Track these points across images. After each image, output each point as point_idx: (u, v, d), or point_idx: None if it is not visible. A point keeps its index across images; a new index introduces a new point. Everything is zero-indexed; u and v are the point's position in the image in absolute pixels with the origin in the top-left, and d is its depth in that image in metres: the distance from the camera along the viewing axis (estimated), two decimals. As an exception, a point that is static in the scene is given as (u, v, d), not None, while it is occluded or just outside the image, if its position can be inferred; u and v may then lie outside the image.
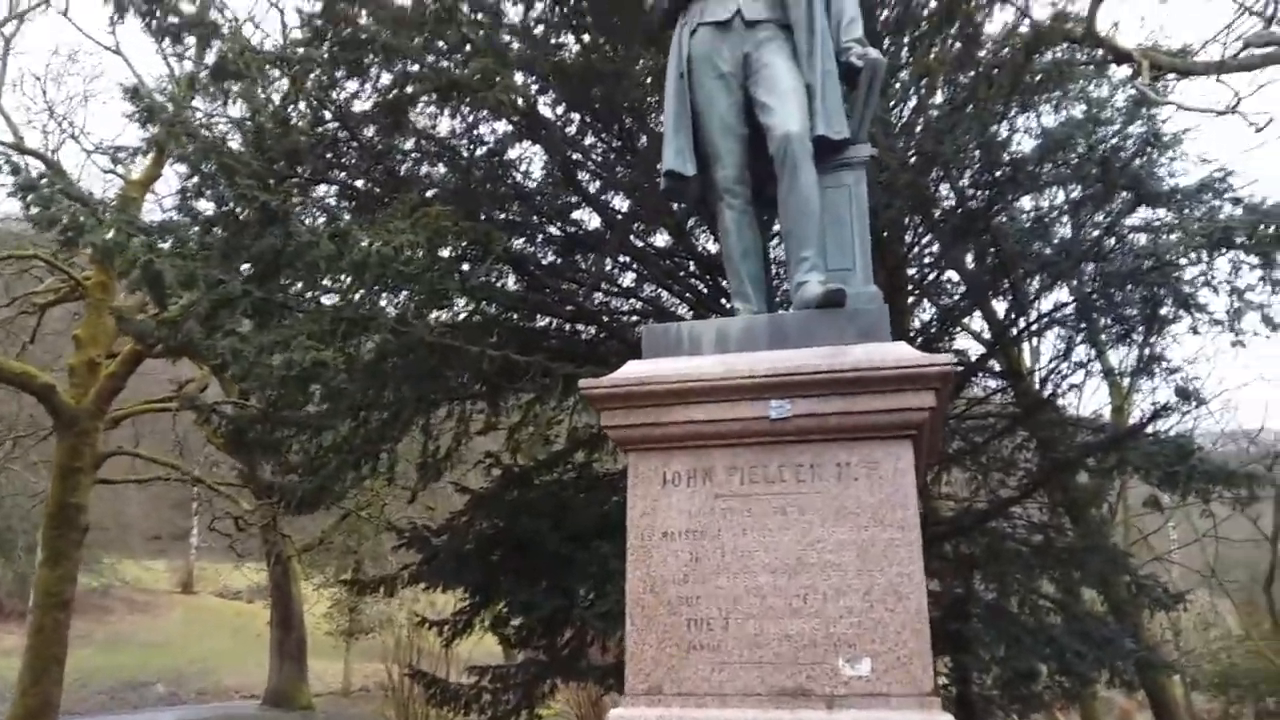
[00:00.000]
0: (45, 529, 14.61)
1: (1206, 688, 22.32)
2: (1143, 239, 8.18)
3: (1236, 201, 7.12)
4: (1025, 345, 11.13)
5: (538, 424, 10.49)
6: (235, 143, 9.25)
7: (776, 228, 4.79)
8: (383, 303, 9.26)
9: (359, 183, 9.58)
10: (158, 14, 9.53)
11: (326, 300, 9.03)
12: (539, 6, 9.38)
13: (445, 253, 9.08)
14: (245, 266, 8.57)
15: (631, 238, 9.86)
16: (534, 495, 9.57)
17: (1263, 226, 6.38)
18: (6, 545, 24.13)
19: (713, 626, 3.17)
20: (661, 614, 3.24)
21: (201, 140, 8.76)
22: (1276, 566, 15.44)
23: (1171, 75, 7.90)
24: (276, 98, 9.98)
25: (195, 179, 9.16)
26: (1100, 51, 7.91)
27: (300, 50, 9.59)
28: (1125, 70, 8.41)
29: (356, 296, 8.99)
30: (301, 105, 9.45)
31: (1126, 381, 12.31)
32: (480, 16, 9.24)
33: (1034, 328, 9.44)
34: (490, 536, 9.47)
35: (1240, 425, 18.42)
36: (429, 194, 9.02)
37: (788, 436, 3.23)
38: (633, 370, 3.48)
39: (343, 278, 8.83)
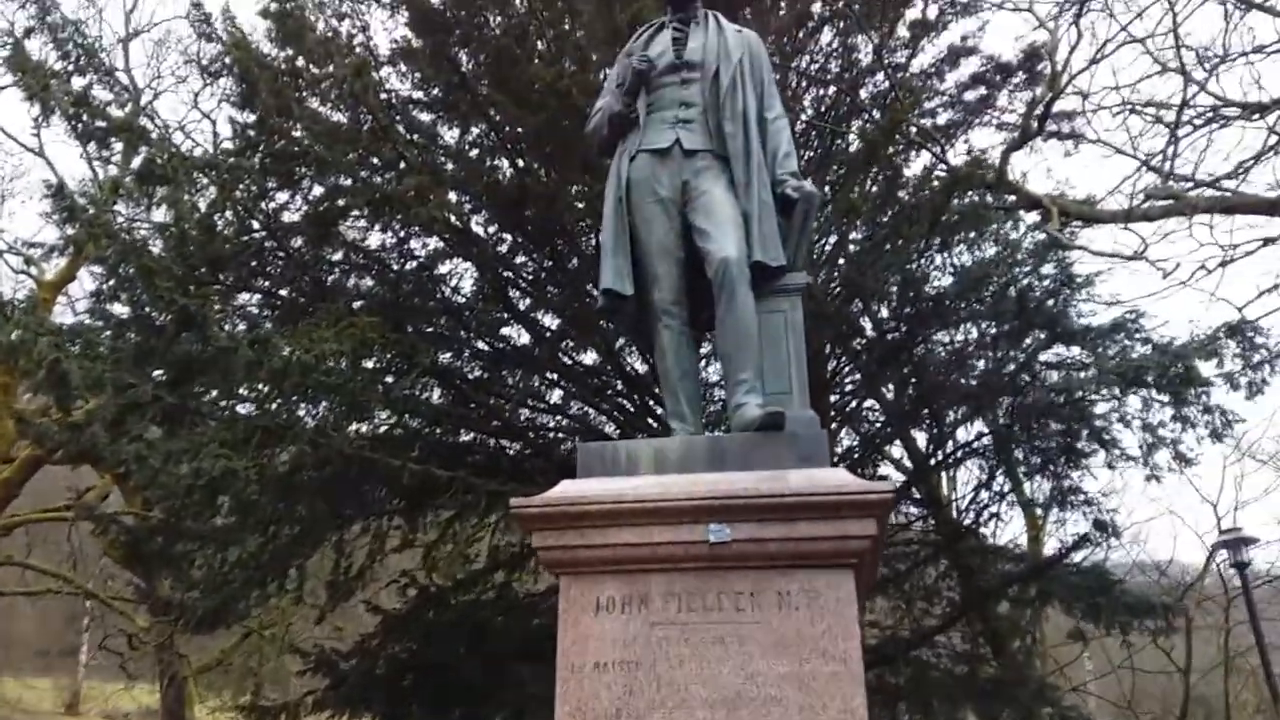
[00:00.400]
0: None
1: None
2: (1056, 375, 8.48)
3: (1147, 342, 7.48)
4: (945, 475, 11.31)
5: (457, 542, 10.18)
6: (156, 247, 9.08)
7: (705, 349, 4.81)
8: (301, 413, 9.03)
9: (283, 291, 9.43)
10: (85, 118, 9.44)
11: (242, 409, 8.76)
12: (474, 131, 9.57)
13: (369, 364, 8.93)
14: (157, 372, 8.30)
15: (560, 355, 9.86)
16: (450, 617, 9.21)
17: (1174, 367, 6.67)
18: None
19: (646, 765, 3.01)
20: (591, 751, 3.06)
21: (122, 242, 8.56)
22: (1190, 698, 15.61)
23: (1079, 222, 8.34)
24: (203, 204, 9.88)
25: (111, 282, 8.92)
26: (1012, 197, 8.34)
27: (231, 159, 9.56)
28: (1035, 216, 8.89)
29: (274, 406, 8.75)
30: (228, 213, 9.36)
31: (1041, 512, 12.56)
32: (415, 137, 9.38)
33: (954, 457, 9.61)
34: (403, 660, 9.04)
35: (1150, 557, 18.88)
36: (356, 305, 8.93)
37: (727, 562, 3.15)
38: (566, 489, 3.39)
39: (260, 386, 8.60)
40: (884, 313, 9.17)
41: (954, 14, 9.16)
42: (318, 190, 9.26)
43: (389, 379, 8.95)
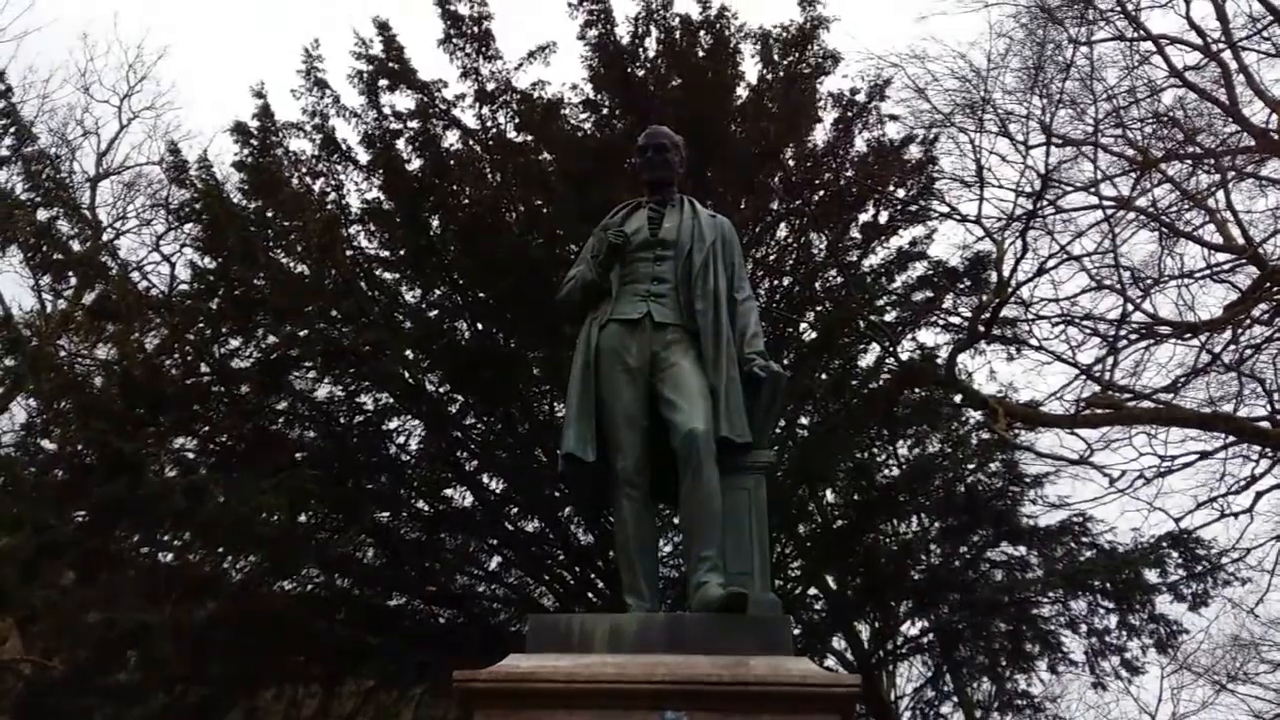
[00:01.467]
0: None
1: None
2: (1002, 574, 8.48)
3: (1093, 546, 7.55)
4: (886, 672, 11.06)
5: (378, 714, 9.60)
6: (98, 383, 8.87)
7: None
8: (226, 565, 8.65)
9: (224, 438, 9.18)
10: (45, 249, 9.39)
11: (163, 557, 8.37)
12: (437, 292, 9.67)
13: (304, 518, 8.65)
14: (79, 512, 7.93)
15: (503, 520, 9.65)
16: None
17: (1121, 573, 6.71)
18: None
19: None
20: None
21: (64, 375, 8.35)
22: None
23: (1023, 424, 8.56)
24: (151, 344, 9.74)
25: (47, 415, 8.66)
26: (959, 396, 8.56)
27: (188, 302, 9.52)
28: (980, 415, 9.10)
29: (197, 556, 8.37)
30: (176, 355, 9.23)
31: (981, 715, 12.27)
32: (377, 294, 9.45)
33: (899, 653, 9.43)
34: None
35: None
36: (298, 455, 8.72)
37: (682, 752, 2.98)
38: (515, 664, 3.21)
39: (186, 535, 8.25)
40: (831, 498, 9.19)
41: (903, 221, 9.65)
42: (271, 339, 9.20)
43: (323, 535, 8.65)
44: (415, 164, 9.15)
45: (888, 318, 9.20)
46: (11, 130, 10.05)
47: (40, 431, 8.78)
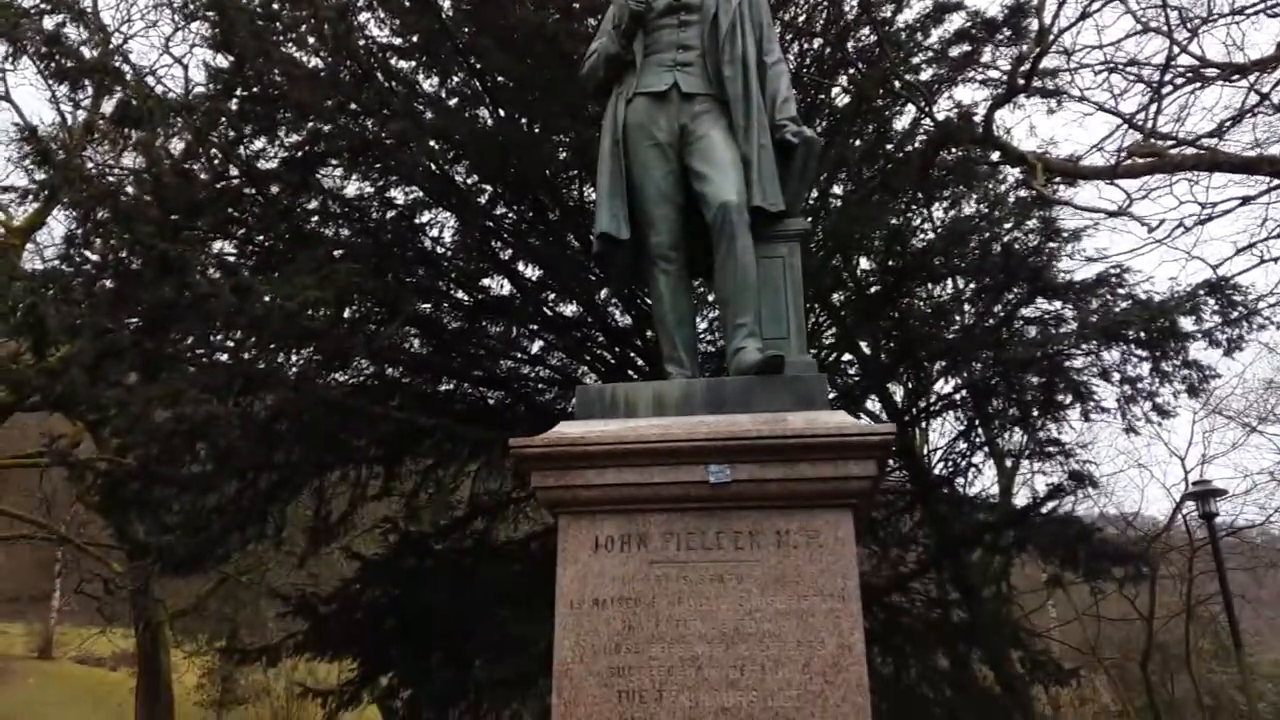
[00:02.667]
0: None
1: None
2: (1034, 331, 8.57)
3: (1129, 297, 7.56)
4: (919, 429, 11.45)
5: (438, 489, 10.21)
6: (129, 193, 8.91)
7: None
8: (280, 360, 8.95)
9: (261, 239, 9.30)
10: (57, 57, 9.19)
11: (220, 356, 8.68)
12: (454, 79, 9.40)
13: (350, 312, 8.86)
14: (133, 319, 8.19)
15: (541, 306, 9.83)
16: (431, 563, 9.26)
17: (1157, 322, 6.75)
18: None
19: (645, 699, 3.06)
20: (590, 685, 3.11)
21: (96, 186, 8.39)
22: (1152, 644, 16.11)
23: (1062, 179, 8.38)
24: (177, 149, 9.70)
25: (85, 227, 8.76)
26: (997, 153, 8.36)
27: (207, 103, 9.37)
28: (1019, 174, 8.90)
29: (251, 354, 8.67)
30: (203, 159, 9.20)
31: (1012, 463, 12.81)
32: (395, 85, 9.21)
33: (931, 410, 9.73)
34: (383, 605, 9.10)
35: (1117, 509, 19.40)
36: (336, 254, 8.83)
37: (726, 503, 3.19)
38: (566, 430, 3.41)
39: (239, 334, 8.52)
40: (865, 266, 9.21)
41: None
42: (295, 137, 9.10)
43: (369, 327, 8.89)
44: (419, -63, 8.67)
45: (923, 76, 8.84)
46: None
47: (82, 243, 8.94)
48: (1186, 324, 7.15)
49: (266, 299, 7.58)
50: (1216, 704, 19.33)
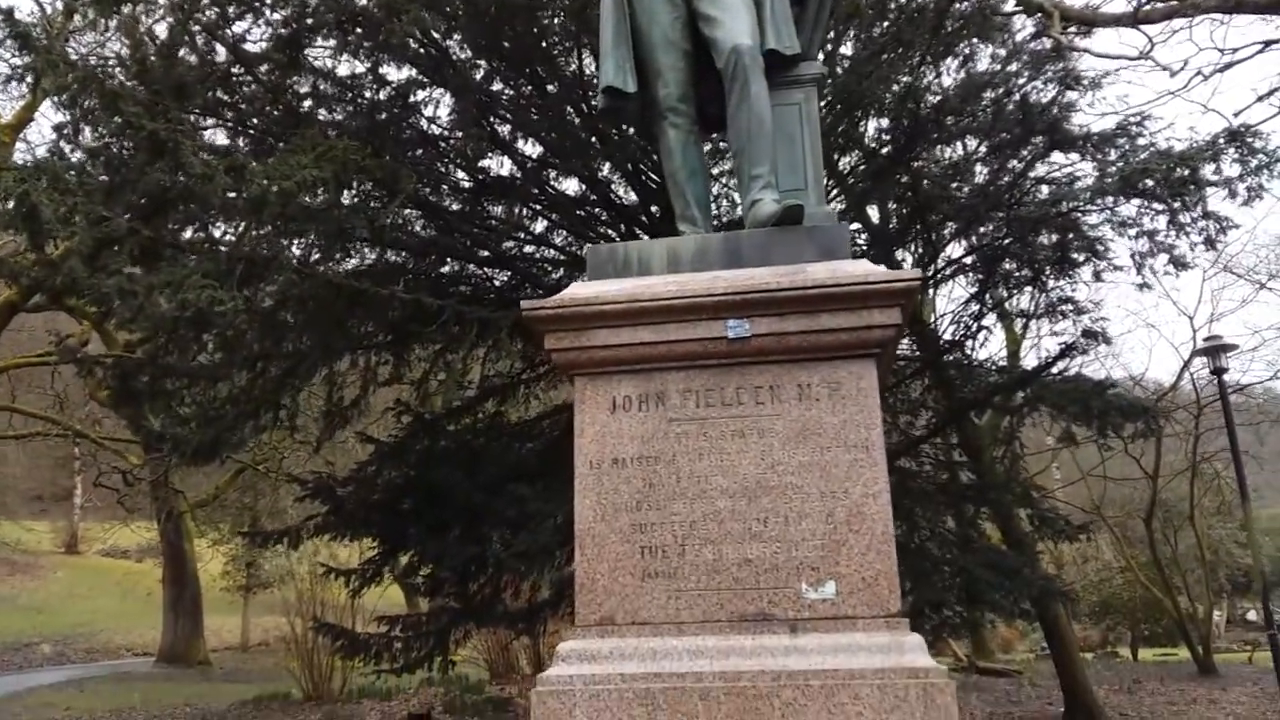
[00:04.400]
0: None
1: (1086, 615, 23.93)
2: (1046, 190, 8.38)
3: (1149, 146, 7.33)
4: (927, 295, 11.36)
5: (448, 372, 10.21)
6: (118, 76, 8.62)
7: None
8: (282, 243, 8.81)
9: (254, 120, 9.05)
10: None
11: (222, 244, 8.55)
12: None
13: (350, 194, 8.68)
14: (127, 211, 8.02)
15: (544, 185, 9.62)
16: (444, 444, 9.33)
17: (1177, 171, 6.56)
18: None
19: (668, 553, 3.07)
20: (613, 542, 3.11)
21: (81, 70, 8.10)
22: (1156, 501, 16.41)
23: (1077, 29, 8.04)
24: (162, 32, 9.35)
25: (74, 113, 8.51)
26: (1013, 2, 8.01)
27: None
28: (1033, 26, 8.55)
29: (254, 236, 8.53)
30: (188, 41, 8.86)
31: (1022, 326, 12.79)
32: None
33: (941, 275, 9.61)
34: (399, 485, 9.21)
35: (1125, 369, 19.54)
36: (332, 134, 8.58)
37: (745, 357, 3.12)
38: (579, 291, 3.32)
39: (238, 220, 8.36)
40: (872, 128, 8.95)
41: None
42: (281, 13, 8.75)
43: (372, 206, 8.72)
44: None
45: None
46: None
47: (72, 133, 8.70)
48: (1207, 172, 6.96)
49: (263, 180, 7.40)
50: (1215, 558, 19.84)
